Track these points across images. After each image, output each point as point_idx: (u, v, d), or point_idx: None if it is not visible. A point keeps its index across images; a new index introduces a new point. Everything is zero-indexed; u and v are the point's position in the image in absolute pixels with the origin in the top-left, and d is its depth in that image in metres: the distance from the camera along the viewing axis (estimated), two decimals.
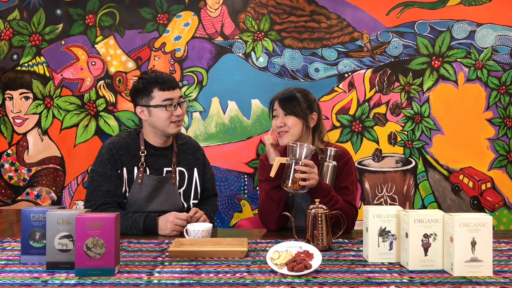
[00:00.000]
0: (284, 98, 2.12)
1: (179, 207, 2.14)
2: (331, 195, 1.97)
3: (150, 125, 2.12)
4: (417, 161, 3.23)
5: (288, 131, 2.08)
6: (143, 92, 2.09)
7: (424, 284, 1.36)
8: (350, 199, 2.06)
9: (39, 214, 1.54)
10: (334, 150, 2.05)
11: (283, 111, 2.09)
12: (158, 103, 2.08)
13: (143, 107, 2.11)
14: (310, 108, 2.13)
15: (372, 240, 1.58)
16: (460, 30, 3.21)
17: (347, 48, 3.21)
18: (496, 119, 3.23)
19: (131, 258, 1.61)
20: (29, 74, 3.20)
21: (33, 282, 1.36)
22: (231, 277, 1.41)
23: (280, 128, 2.09)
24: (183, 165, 2.19)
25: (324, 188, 1.97)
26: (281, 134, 2.10)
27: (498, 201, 3.24)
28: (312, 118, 2.13)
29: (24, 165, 3.22)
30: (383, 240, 1.59)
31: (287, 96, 2.12)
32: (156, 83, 2.08)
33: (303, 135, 2.10)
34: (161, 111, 2.08)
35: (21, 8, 3.19)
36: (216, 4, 3.20)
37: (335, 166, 2.05)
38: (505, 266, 1.54)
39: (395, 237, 1.58)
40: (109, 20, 3.20)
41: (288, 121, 2.08)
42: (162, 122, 2.09)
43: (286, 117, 2.09)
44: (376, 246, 1.58)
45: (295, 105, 2.09)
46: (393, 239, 1.58)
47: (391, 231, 1.58)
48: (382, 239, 1.59)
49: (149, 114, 2.10)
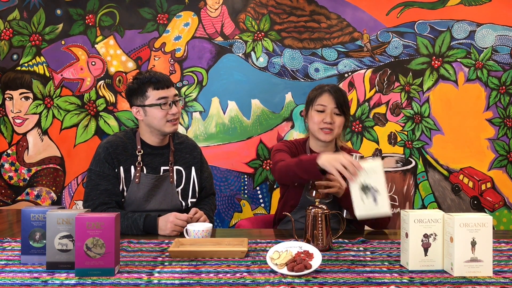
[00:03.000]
0: (339, 94, 2.05)
1: (177, 205, 2.14)
2: None
3: (147, 124, 2.12)
4: (417, 161, 3.23)
5: (333, 130, 2.05)
6: (138, 92, 2.10)
7: (424, 284, 1.36)
8: None
9: (39, 214, 1.54)
10: (359, 156, 2.04)
11: (336, 108, 2.05)
12: (153, 102, 2.08)
13: (139, 107, 2.11)
14: (349, 109, 2.12)
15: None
16: (460, 30, 3.21)
17: (347, 48, 3.21)
18: (496, 119, 3.23)
19: (131, 258, 1.61)
20: (29, 74, 3.20)
21: (33, 282, 1.36)
22: (231, 277, 1.41)
23: (328, 125, 2.05)
24: (181, 164, 2.20)
25: None
26: (326, 131, 2.05)
27: (498, 201, 3.24)
28: (348, 119, 2.12)
29: (24, 165, 3.22)
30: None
31: (342, 94, 2.06)
32: (150, 82, 2.08)
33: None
34: (157, 110, 2.08)
35: (21, 8, 3.19)
36: (216, 4, 3.20)
37: None
38: (505, 266, 1.54)
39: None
40: (109, 20, 3.20)
41: (337, 120, 2.05)
42: (158, 121, 2.09)
43: (336, 116, 2.05)
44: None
45: (347, 104, 2.05)
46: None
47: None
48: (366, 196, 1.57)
49: (144, 114, 2.10)
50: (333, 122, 2.05)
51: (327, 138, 2.07)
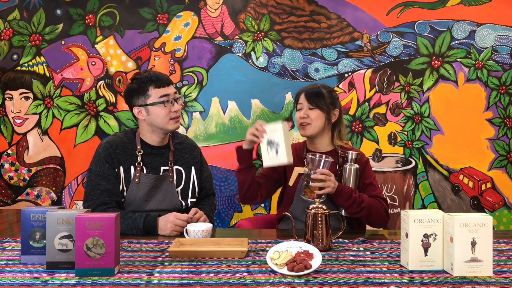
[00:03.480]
0: (310, 91, 2.22)
1: (177, 205, 2.14)
2: (353, 197, 2.01)
3: (149, 124, 2.12)
4: (417, 161, 3.23)
5: (310, 124, 2.18)
6: (139, 91, 2.10)
7: (424, 284, 1.36)
8: (377, 193, 2.12)
9: (39, 214, 1.54)
10: (355, 154, 2.12)
11: (308, 104, 2.19)
12: (155, 100, 2.08)
13: (140, 107, 2.11)
14: (333, 104, 2.23)
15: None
16: (460, 30, 3.21)
17: (347, 48, 3.21)
18: (496, 119, 3.23)
19: (131, 258, 1.61)
20: (29, 74, 3.20)
21: (33, 282, 1.36)
22: (231, 277, 1.41)
23: (303, 119, 2.18)
24: (180, 164, 2.20)
25: (346, 192, 2.01)
26: (303, 125, 2.19)
27: (498, 201, 3.24)
28: (334, 113, 2.22)
29: (24, 165, 3.22)
30: None
31: (313, 90, 2.22)
32: (151, 81, 2.09)
33: (324, 129, 2.20)
34: (160, 108, 2.08)
35: (21, 8, 3.19)
36: (216, 4, 3.20)
37: (357, 169, 2.12)
38: (505, 266, 1.54)
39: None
40: (109, 20, 3.20)
41: (312, 114, 2.18)
42: (161, 119, 2.09)
43: (310, 110, 2.18)
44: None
45: (320, 99, 2.19)
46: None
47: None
48: None
49: (147, 113, 2.10)
50: (307, 116, 2.18)
51: (304, 133, 2.20)
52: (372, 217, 2.06)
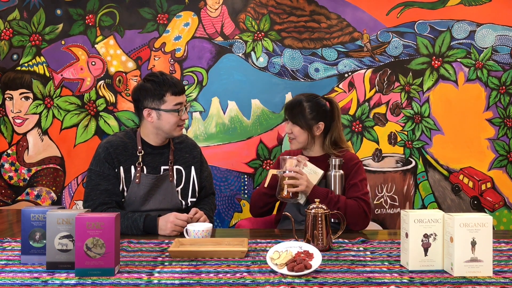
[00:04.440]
0: (290, 107, 2.22)
1: (177, 205, 2.14)
2: (329, 197, 2.00)
3: (155, 127, 2.11)
4: (417, 161, 3.23)
5: (295, 138, 2.20)
6: (154, 94, 2.07)
7: (424, 284, 1.36)
8: (359, 194, 2.07)
9: (39, 214, 1.54)
10: (338, 160, 2.09)
11: (290, 120, 2.21)
12: (170, 108, 2.07)
13: (152, 110, 2.09)
14: (317, 118, 2.19)
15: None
16: (460, 30, 3.21)
17: (347, 48, 3.21)
18: (496, 119, 3.23)
19: (131, 258, 1.61)
20: (29, 74, 3.20)
21: (33, 282, 1.36)
22: (231, 277, 1.41)
23: (289, 134, 2.23)
24: (180, 163, 2.20)
25: (321, 192, 2.00)
26: (290, 140, 2.24)
27: (498, 201, 3.24)
28: (318, 127, 2.19)
29: (24, 165, 3.22)
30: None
31: (293, 106, 2.22)
32: (169, 86, 2.06)
33: (308, 143, 2.21)
34: (172, 116, 2.08)
35: (21, 8, 3.19)
36: (216, 4, 3.20)
37: (342, 175, 2.10)
38: (505, 266, 1.54)
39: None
40: (109, 20, 3.19)
41: (294, 130, 2.20)
42: (170, 126, 2.09)
43: (293, 126, 2.20)
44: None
45: (300, 116, 2.18)
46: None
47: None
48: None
49: (158, 117, 2.09)
50: (291, 132, 2.21)
51: (291, 147, 2.26)
52: (349, 217, 2.00)
